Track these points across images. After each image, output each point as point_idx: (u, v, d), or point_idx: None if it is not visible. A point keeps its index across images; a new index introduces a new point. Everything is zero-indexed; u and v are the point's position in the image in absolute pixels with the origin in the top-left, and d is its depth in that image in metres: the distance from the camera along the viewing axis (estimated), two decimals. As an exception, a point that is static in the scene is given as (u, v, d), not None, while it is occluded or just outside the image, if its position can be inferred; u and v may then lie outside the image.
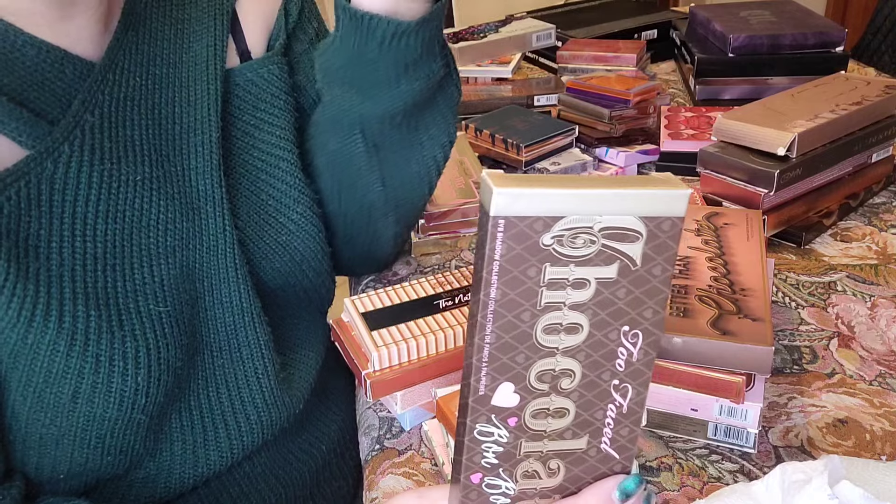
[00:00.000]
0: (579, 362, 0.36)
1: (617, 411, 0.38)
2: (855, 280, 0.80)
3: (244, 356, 0.63)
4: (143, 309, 0.55)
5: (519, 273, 0.34)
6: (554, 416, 0.37)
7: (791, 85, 1.03)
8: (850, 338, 0.72)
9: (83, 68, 0.56)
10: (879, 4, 1.84)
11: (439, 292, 0.68)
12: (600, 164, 1.03)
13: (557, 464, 0.39)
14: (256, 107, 0.66)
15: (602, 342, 0.36)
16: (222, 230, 0.61)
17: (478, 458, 0.38)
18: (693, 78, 1.22)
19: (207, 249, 0.60)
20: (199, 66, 0.63)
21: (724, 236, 0.70)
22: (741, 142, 0.85)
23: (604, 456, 0.39)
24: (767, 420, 0.63)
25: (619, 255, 0.34)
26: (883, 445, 0.60)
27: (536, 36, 1.36)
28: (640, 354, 0.37)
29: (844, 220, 0.90)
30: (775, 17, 1.24)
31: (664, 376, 0.60)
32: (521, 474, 0.39)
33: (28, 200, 0.52)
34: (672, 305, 0.61)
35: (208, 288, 0.61)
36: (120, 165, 0.56)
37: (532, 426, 0.37)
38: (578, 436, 0.38)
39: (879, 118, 0.89)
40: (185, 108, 0.61)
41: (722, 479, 0.58)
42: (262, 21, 0.69)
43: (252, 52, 0.68)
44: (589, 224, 0.34)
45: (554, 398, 0.37)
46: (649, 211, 0.34)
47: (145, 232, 0.57)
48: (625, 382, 0.37)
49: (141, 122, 0.59)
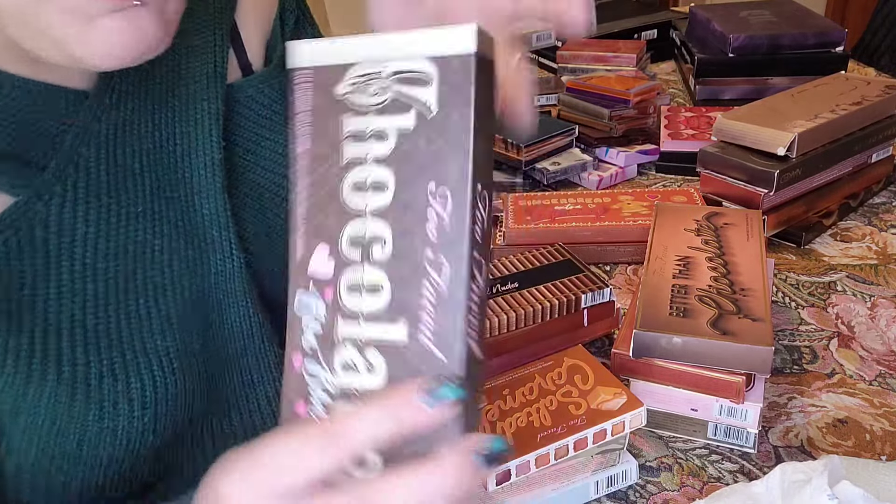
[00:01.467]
0: (389, 226, 0.35)
1: (435, 294, 0.34)
2: (855, 280, 0.80)
3: (255, 380, 0.61)
4: (150, 346, 0.53)
5: (320, 126, 0.35)
6: (369, 292, 0.36)
7: (791, 85, 1.03)
8: (850, 338, 0.72)
9: (76, 99, 0.52)
10: (879, 4, 1.84)
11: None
12: (600, 163, 1.03)
13: (377, 357, 0.36)
14: (258, 123, 0.64)
15: (410, 203, 0.34)
16: (229, 254, 0.58)
17: (298, 336, 0.37)
18: (693, 78, 1.22)
19: (215, 275, 0.58)
20: (199, 82, 0.60)
21: (724, 236, 0.70)
22: (741, 142, 0.85)
23: (424, 352, 0.35)
24: (767, 420, 0.63)
25: (412, 102, 0.33)
26: (883, 445, 0.60)
27: (536, 36, 1.36)
28: (451, 220, 0.34)
29: (844, 220, 0.90)
30: (775, 17, 1.24)
31: (664, 376, 0.60)
32: (339, 363, 0.37)
33: (19, 249, 0.49)
34: (672, 305, 0.61)
35: (218, 314, 0.58)
36: (119, 199, 0.53)
37: (347, 303, 0.36)
38: (395, 321, 0.35)
39: (879, 118, 0.89)
40: (186, 129, 0.58)
41: (722, 479, 0.58)
42: (260, 31, 0.67)
43: (253, 64, 0.66)
44: (378, 69, 0.34)
45: (367, 269, 0.35)
46: (436, 50, 0.33)
47: (149, 265, 0.54)
48: (439, 255, 0.34)
49: (140, 149, 0.55)
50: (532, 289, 0.66)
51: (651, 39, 1.42)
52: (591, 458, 0.55)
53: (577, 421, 0.53)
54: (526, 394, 0.56)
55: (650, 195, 0.89)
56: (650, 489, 0.57)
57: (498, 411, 0.54)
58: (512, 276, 0.68)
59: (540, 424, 0.53)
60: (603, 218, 0.85)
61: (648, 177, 1.03)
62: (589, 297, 0.66)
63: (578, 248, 0.83)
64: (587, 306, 0.67)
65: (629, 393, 0.55)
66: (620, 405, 0.54)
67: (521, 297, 0.65)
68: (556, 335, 0.66)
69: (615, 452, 0.56)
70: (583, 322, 0.67)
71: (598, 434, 0.53)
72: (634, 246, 0.83)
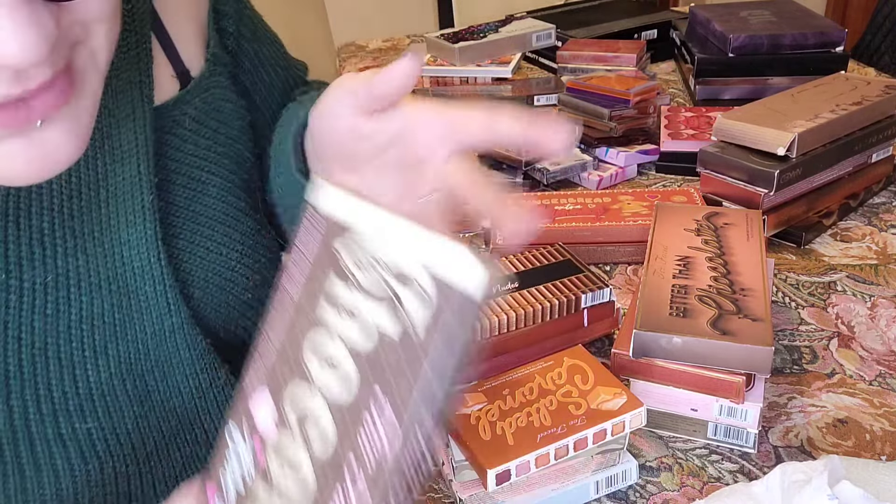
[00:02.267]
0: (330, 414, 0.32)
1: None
2: (855, 280, 0.80)
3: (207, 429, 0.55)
4: (66, 430, 0.47)
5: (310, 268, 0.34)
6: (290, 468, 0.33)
7: (791, 85, 1.03)
8: (850, 338, 0.72)
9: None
10: (879, 4, 1.84)
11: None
12: (600, 163, 1.03)
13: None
14: (198, 144, 0.56)
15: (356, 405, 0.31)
16: (167, 311, 0.51)
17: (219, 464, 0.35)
18: (693, 78, 1.22)
19: (152, 335, 0.51)
20: (123, 108, 0.51)
21: (724, 236, 0.70)
22: (741, 142, 0.85)
23: None
24: (767, 420, 0.63)
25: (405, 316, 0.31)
26: (883, 445, 0.60)
27: (536, 36, 1.36)
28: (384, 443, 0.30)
29: (844, 220, 0.90)
30: (775, 17, 1.24)
31: (664, 376, 0.60)
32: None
33: None
34: (672, 305, 0.61)
35: (160, 376, 0.51)
36: (21, 272, 0.46)
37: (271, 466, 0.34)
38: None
39: (879, 118, 0.89)
40: (111, 167, 0.50)
41: (722, 479, 0.58)
42: (193, 28, 0.58)
43: (191, 69, 0.57)
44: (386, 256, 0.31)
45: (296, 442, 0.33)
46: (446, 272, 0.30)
47: (63, 338, 0.47)
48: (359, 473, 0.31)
49: (53, 204, 0.47)
50: (532, 289, 0.66)
51: (651, 39, 1.42)
52: (591, 458, 0.55)
53: (577, 421, 0.53)
54: (526, 394, 0.56)
55: (650, 195, 0.89)
56: (650, 489, 0.57)
57: (498, 411, 0.54)
58: (512, 277, 0.68)
59: (540, 424, 0.53)
60: (603, 218, 0.85)
61: (648, 177, 1.03)
62: (589, 297, 0.66)
63: (578, 248, 0.83)
64: (587, 306, 0.67)
65: (629, 393, 0.55)
66: (620, 405, 0.54)
67: (521, 297, 0.65)
68: (556, 335, 0.66)
69: (615, 452, 0.56)
70: (583, 322, 0.67)
71: (598, 434, 0.53)
72: (634, 246, 0.83)
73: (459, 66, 1.26)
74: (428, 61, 1.30)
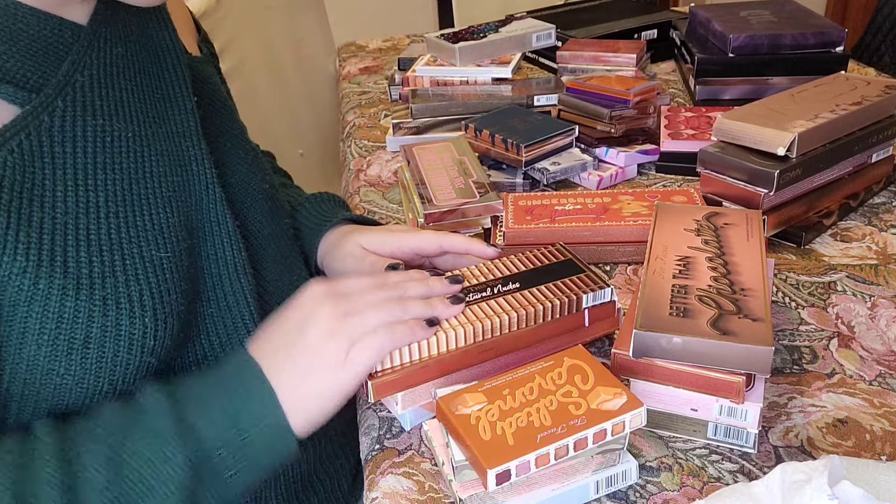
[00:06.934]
0: None
1: None
2: (855, 280, 0.80)
3: (230, 304, 0.66)
4: (147, 254, 0.58)
5: None
6: None
7: (791, 85, 1.03)
8: (850, 338, 0.72)
9: (75, 31, 0.58)
10: (879, 4, 1.84)
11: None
12: (600, 163, 1.03)
13: None
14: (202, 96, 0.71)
15: None
16: (206, 187, 0.65)
17: None
18: (693, 78, 1.22)
19: (196, 203, 0.65)
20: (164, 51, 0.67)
21: (724, 236, 0.70)
22: (741, 142, 0.85)
23: None
24: (767, 420, 0.63)
25: None
26: (883, 445, 0.60)
27: (536, 36, 1.36)
28: None
29: (844, 220, 0.90)
30: (775, 17, 1.24)
31: (664, 376, 0.60)
32: None
33: (31, 152, 0.54)
34: (672, 305, 0.61)
35: (199, 238, 0.65)
36: (112, 121, 0.59)
37: None
38: None
39: (879, 118, 0.89)
40: (160, 83, 0.65)
41: (722, 479, 0.58)
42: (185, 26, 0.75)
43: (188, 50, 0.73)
44: None
45: None
46: None
47: (143, 182, 0.60)
48: None
49: (126, 86, 0.62)
50: (533, 289, 0.66)
51: (651, 39, 1.42)
52: (591, 458, 0.55)
53: (577, 421, 0.53)
54: (526, 394, 0.56)
55: (650, 195, 0.89)
56: (650, 489, 0.57)
57: (498, 411, 0.54)
58: (512, 277, 0.68)
59: (540, 424, 0.53)
60: (603, 218, 0.85)
61: (648, 177, 1.03)
62: (590, 297, 0.66)
63: (578, 249, 0.83)
64: (588, 306, 0.67)
65: (629, 393, 0.55)
66: (620, 405, 0.54)
67: (522, 297, 0.65)
68: (557, 335, 0.66)
69: (615, 452, 0.56)
70: (584, 322, 0.67)
71: (598, 434, 0.53)
72: (634, 246, 0.83)
73: (459, 66, 1.26)
74: (428, 61, 1.30)
